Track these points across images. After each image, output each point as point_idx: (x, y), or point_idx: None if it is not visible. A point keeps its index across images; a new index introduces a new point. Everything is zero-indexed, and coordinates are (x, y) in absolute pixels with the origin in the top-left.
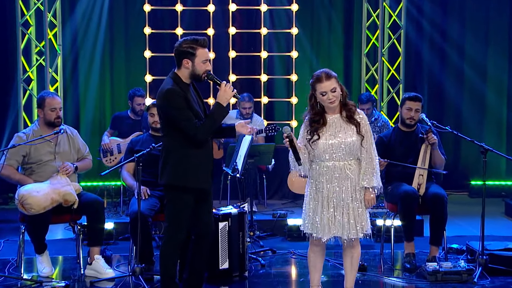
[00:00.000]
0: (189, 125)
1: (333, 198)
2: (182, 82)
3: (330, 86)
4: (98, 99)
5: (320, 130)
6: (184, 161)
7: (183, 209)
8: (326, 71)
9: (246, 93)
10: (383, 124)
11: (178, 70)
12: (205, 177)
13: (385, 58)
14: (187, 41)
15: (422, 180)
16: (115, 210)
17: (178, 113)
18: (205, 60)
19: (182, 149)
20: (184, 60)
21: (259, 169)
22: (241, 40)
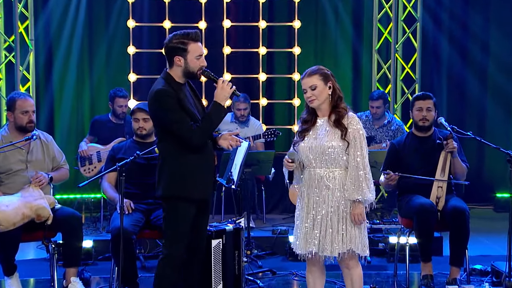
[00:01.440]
0: (183, 128)
1: (312, 210)
2: (175, 82)
3: (309, 83)
4: (75, 100)
5: (307, 132)
6: (181, 169)
7: (182, 222)
8: (313, 67)
9: (242, 94)
10: (397, 128)
11: (170, 69)
12: (205, 186)
13: (399, 55)
14: (177, 36)
15: (441, 193)
16: (95, 226)
17: (170, 115)
18: (199, 56)
19: (178, 155)
20: (176, 57)
21: (257, 179)
22: (237, 35)
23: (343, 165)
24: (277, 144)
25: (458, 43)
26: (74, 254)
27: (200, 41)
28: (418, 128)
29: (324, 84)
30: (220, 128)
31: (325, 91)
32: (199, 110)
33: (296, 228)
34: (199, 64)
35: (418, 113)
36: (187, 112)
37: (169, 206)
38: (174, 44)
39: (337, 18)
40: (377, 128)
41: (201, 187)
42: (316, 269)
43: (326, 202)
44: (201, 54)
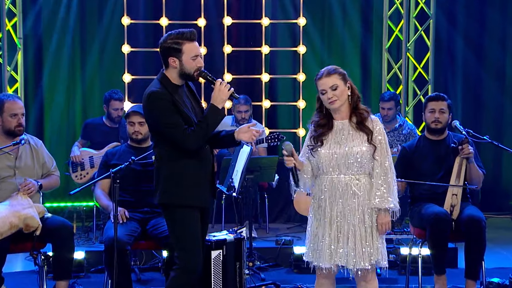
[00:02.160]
0: (176, 132)
1: (336, 219)
2: (171, 83)
3: (329, 83)
4: (66, 103)
5: (324, 136)
6: (177, 175)
7: (190, 230)
8: (330, 67)
9: (243, 95)
10: (409, 132)
11: (166, 70)
12: (202, 193)
13: (410, 54)
14: (171, 36)
15: (456, 201)
16: (87, 236)
17: (163, 118)
18: (195, 56)
19: (174, 160)
20: (170, 58)
21: (260, 186)
22: (238, 33)
23: (367, 171)
24: (280, 149)
25: (474, 42)
26: (64, 266)
27: (196, 41)
28: (430, 131)
29: (344, 84)
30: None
31: (345, 92)
32: (197, 113)
33: (313, 239)
34: (195, 65)
35: (431, 115)
36: (183, 116)
37: (170, 214)
38: (168, 44)
39: (345, 14)
40: (388, 132)
41: (198, 194)
42: (328, 282)
43: (353, 211)
44: (197, 55)
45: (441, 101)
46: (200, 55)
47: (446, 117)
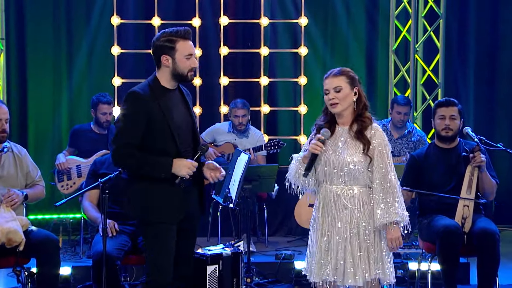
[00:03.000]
0: (118, 141)
1: (327, 232)
2: (160, 87)
3: (334, 83)
4: (52, 108)
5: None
6: (146, 188)
7: (162, 244)
8: (340, 68)
9: (240, 99)
10: (418, 139)
11: (158, 72)
12: (172, 208)
13: (419, 56)
14: (165, 34)
15: (468, 213)
16: (74, 250)
17: (123, 121)
18: (189, 55)
19: None
20: (163, 56)
21: (259, 197)
22: (236, 33)
23: (363, 182)
24: (280, 157)
25: (486, 43)
26: (50, 282)
27: (190, 40)
28: (440, 138)
29: (350, 88)
30: (217, 138)
31: (349, 96)
32: (186, 122)
33: (309, 252)
34: (189, 65)
35: (441, 121)
36: (158, 126)
37: (143, 229)
38: (161, 42)
39: (349, 14)
40: (396, 139)
41: (169, 208)
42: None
43: (344, 224)
44: (191, 54)
45: (451, 107)
46: (194, 55)
47: (457, 124)
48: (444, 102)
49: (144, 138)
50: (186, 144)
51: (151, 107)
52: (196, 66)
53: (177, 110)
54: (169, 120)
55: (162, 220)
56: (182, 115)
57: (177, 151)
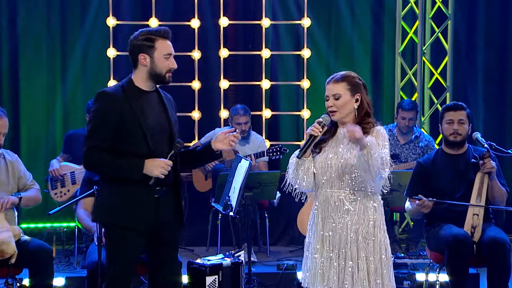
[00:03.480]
0: (87, 143)
1: (328, 238)
2: (134, 87)
3: (334, 90)
4: (45, 112)
5: (324, 143)
6: (115, 192)
7: (121, 252)
8: (344, 72)
9: (241, 105)
10: (426, 145)
11: (134, 72)
12: (142, 213)
13: (426, 58)
14: (144, 32)
15: (478, 221)
16: (68, 261)
17: (93, 119)
18: (168, 55)
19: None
20: (141, 55)
21: (260, 205)
22: (236, 35)
23: (364, 188)
24: (283, 164)
25: (496, 44)
26: None
27: (170, 40)
28: (448, 144)
29: (351, 95)
30: None
31: (349, 104)
32: (162, 124)
33: (306, 259)
34: (167, 65)
35: (449, 126)
36: (130, 127)
37: (107, 234)
38: (139, 41)
39: (353, 15)
40: (403, 145)
41: (134, 215)
42: None
43: (346, 229)
44: (170, 54)
45: (459, 111)
46: (173, 55)
47: (466, 129)
48: (452, 106)
49: (116, 140)
50: (160, 147)
51: (121, 107)
52: (174, 67)
53: (152, 112)
54: (141, 121)
55: (125, 226)
56: (157, 118)
57: (150, 154)
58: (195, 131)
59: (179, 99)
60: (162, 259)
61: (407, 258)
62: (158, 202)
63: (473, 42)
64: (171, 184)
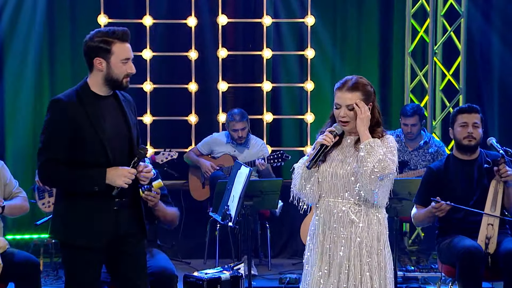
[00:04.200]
0: (40, 154)
1: (329, 251)
2: (90, 93)
3: (347, 100)
4: (32, 117)
5: (330, 151)
6: (66, 206)
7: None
8: (356, 79)
9: (238, 109)
10: (436, 150)
11: (90, 76)
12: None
13: (438, 59)
14: (100, 34)
15: (492, 232)
16: (56, 274)
17: (45, 130)
18: (125, 59)
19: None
20: (96, 59)
21: (261, 215)
22: (235, 34)
23: (370, 202)
24: (285, 171)
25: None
26: None
27: (129, 42)
28: (461, 148)
29: (364, 104)
30: (214, 150)
31: (363, 112)
32: (120, 131)
33: (306, 273)
34: (125, 70)
35: (462, 129)
36: (86, 136)
37: (62, 254)
38: (95, 43)
39: (360, 13)
40: (411, 151)
41: (89, 231)
42: None
43: (349, 242)
44: (128, 58)
45: (474, 114)
46: (132, 59)
47: (480, 133)
48: (466, 108)
49: (71, 150)
50: (120, 155)
51: (76, 115)
52: (133, 72)
53: (110, 118)
54: (97, 128)
55: (82, 245)
56: (115, 123)
57: (110, 163)
58: (191, 136)
59: (175, 101)
60: (125, 274)
61: (418, 271)
62: (117, 214)
63: (488, 41)
64: (130, 194)
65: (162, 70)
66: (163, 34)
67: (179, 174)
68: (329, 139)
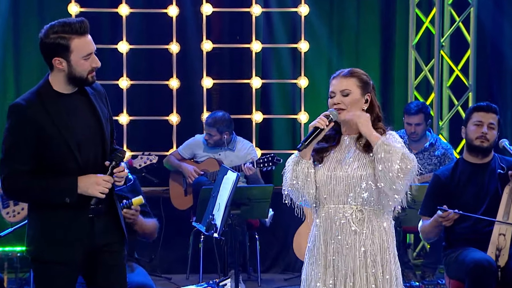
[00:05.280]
0: (3, 165)
1: (332, 262)
2: (53, 92)
3: (342, 85)
4: None
5: (326, 152)
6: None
7: None
8: (354, 69)
9: (221, 112)
10: (443, 153)
11: (51, 74)
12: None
13: (445, 52)
14: (54, 29)
15: (504, 243)
16: None
17: (7, 139)
18: (87, 55)
19: None
20: (55, 59)
21: (249, 225)
22: (221, 24)
23: (374, 203)
24: (276, 176)
25: None
26: None
27: (88, 33)
28: (473, 149)
29: (361, 94)
30: (197, 153)
31: (359, 103)
32: (91, 130)
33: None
34: (89, 66)
35: (476, 128)
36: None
37: (34, 270)
38: (50, 40)
39: (359, 1)
40: (416, 154)
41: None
42: None
43: (353, 252)
44: (91, 52)
45: (491, 113)
46: (94, 52)
47: (495, 135)
48: (484, 106)
49: (37, 156)
50: (91, 158)
51: (39, 119)
52: (97, 65)
53: (77, 117)
54: (60, 128)
55: (52, 258)
56: (84, 123)
57: (81, 169)
58: (173, 138)
59: (155, 99)
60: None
61: (423, 287)
62: (93, 223)
63: (501, 32)
64: (106, 199)
65: (140, 65)
66: (141, 25)
67: (159, 180)
68: (323, 122)
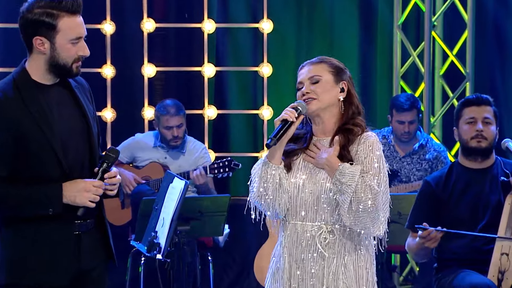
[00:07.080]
0: None
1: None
2: (30, 81)
3: (310, 72)
4: None
5: (295, 156)
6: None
7: None
8: (325, 57)
9: (171, 100)
10: (436, 157)
11: (29, 59)
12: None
13: (437, 34)
14: (41, 3)
15: (507, 264)
16: None
17: None
18: (76, 39)
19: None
20: (37, 38)
21: (201, 244)
22: (166, 0)
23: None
24: (234, 184)
25: None
26: None
27: (80, 14)
28: (469, 152)
29: (334, 81)
30: (137, 157)
31: (332, 92)
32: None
33: None
34: (75, 53)
35: (469, 127)
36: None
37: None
38: (35, 15)
39: None
40: (403, 157)
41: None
42: None
43: (321, 280)
44: (80, 37)
45: (484, 106)
46: (84, 38)
47: (493, 132)
48: (474, 99)
49: (16, 162)
50: (77, 160)
51: (17, 116)
52: (86, 54)
53: (60, 112)
54: (43, 127)
55: (37, 284)
56: (67, 120)
57: (65, 175)
58: (106, 137)
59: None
60: None
61: None
62: (79, 240)
63: (503, 12)
64: (95, 212)
65: None
66: None
67: None
68: (292, 114)
